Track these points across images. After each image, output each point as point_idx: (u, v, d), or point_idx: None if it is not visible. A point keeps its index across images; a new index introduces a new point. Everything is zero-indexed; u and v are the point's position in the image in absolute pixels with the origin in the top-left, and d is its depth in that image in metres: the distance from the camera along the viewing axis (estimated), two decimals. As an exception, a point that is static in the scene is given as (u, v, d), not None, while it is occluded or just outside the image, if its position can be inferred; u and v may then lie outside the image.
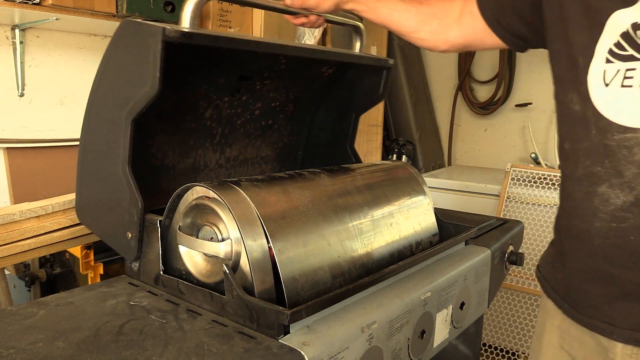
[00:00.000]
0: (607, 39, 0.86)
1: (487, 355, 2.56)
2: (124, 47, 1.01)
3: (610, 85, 0.86)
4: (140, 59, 0.96)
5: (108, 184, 1.07)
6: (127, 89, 1.00)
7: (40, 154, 2.14)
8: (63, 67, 2.21)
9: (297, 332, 0.83)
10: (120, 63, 1.03)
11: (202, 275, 0.98)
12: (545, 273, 1.10)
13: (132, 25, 0.98)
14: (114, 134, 1.03)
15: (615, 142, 0.85)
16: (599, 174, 0.88)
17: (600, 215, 0.88)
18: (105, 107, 1.08)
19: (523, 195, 2.47)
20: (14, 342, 0.79)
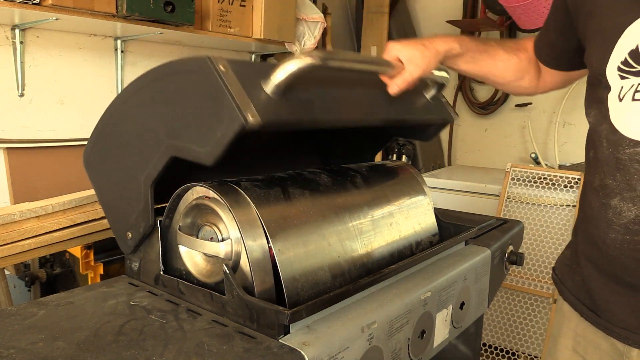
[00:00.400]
0: (617, 57, 0.87)
1: (487, 355, 2.56)
2: (189, 86, 0.91)
3: (623, 100, 0.86)
4: (206, 115, 0.87)
5: (125, 179, 1.05)
6: (176, 125, 0.92)
7: (40, 154, 2.14)
8: (63, 67, 2.21)
9: (297, 332, 0.83)
10: (172, 103, 0.94)
11: (202, 275, 0.98)
12: (561, 275, 1.10)
13: (202, 82, 0.86)
14: (149, 148, 0.97)
15: (627, 156, 0.86)
16: (611, 187, 0.89)
17: (614, 227, 0.89)
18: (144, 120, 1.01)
19: (523, 195, 2.47)
20: (14, 342, 0.79)
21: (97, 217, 1.54)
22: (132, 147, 1.01)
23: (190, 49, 2.70)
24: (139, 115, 0.99)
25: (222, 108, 0.83)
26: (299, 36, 2.79)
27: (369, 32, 3.40)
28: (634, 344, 0.91)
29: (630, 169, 0.86)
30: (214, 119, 0.84)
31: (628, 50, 0.85)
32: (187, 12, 2.12)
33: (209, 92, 0.84)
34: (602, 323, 0.96)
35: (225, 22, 2.41)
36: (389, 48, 1.05)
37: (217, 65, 0.84)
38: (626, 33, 0.85)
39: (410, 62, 1.03)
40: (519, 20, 2.77)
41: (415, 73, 1.03)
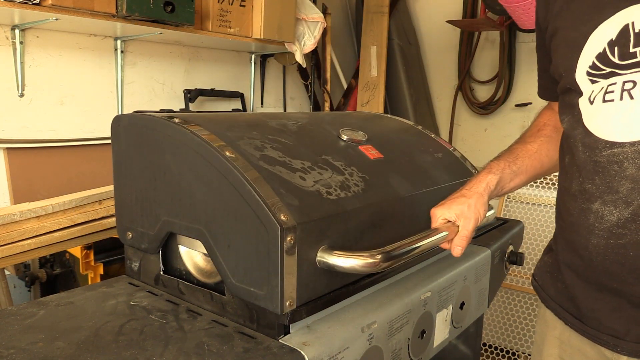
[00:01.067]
0: (584, 63, 0.88)
1: (487, 355, 2.56)
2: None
3: (594, 102, 0.87)
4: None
5: (148, 199, 0.99)
6: (219, 227, 0.87)
7: (40, 154, 2.14)
8: (63, 67, 2.21)
9: (297, 332, 0.83)
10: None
11: (202, 275, 0.98)
12: (542, 283, 1.08)
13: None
14: (183, 209, 0.93)
15: (605, 158, 0.85)
16: (590, 191, 0.88)
17: (596, 232, 0.87)
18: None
19: (523, 195, 2.47)
20: (14, 342, 0.79)
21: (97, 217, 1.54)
22: (169, 187, 0.95)
23: (190, 49, 2.70)
24: (191, 174, 0.91)
25: (269, 279, 0.80)
26: (298, 36, 2.79)
27: (369, 32, 3.40)
28: (623, 351, 0.89)
29: (609, 171, 0.84)
30: (256, 275, 0.82)
31: (595, 54, 0.86)
32: (187, 12, 2.12)
33: (265, 249, 0.80)
34: (588, 331, 0.94)
35: (225, 22, 2.41)
36: (434, 215, 1.02)
37: (285, 238, 0.78)
38: (591, 39, 0.87)
39: (460, 217, 1.00)
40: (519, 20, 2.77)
41: (469, 226, 1.00)
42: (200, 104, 2.78)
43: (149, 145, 0.97)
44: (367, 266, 0.84)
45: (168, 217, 0.95)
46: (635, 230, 0.82)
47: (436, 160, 1.31)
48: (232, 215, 0.84)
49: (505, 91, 3.27)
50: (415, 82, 3.54)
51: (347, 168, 1.01)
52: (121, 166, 1.05)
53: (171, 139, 0.93)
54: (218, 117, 1.06)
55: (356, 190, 0.97)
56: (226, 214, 0.85)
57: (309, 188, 0.89)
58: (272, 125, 1.06)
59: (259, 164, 0.87)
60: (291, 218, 0.79)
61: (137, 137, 1.00)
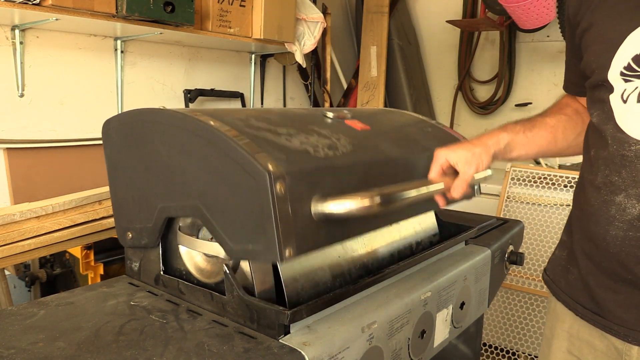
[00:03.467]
0: (619, 62, 0.89)
1: (487, 355, 2.56)
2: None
3: (627, 101, 0.88)
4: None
5: (143, 192, 1.00)
6: (211, 197, 0.87)
7: (40, 154, 2.14)
8: (63, 67, 2.21)
9: (297, 332, 0.83)
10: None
11: (203, 275, 0.98)
12: (553, 276, 1.10)
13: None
14: (178, 190, 0.93)
15: (633, 153, 0.87)
16: (616, 184, 0.90)
17: (616, 223, 0.90)
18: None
19: (523, 195, 2.47)
20: (14, 342, 0.79)
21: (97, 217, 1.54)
22: (162, 173, 0.95)
23: (190, 49, 2.70)
24: (180, 155, 0.92)
25: (264, 229, 0.80)
26: (298, 36, 2.79)
27: (369, 32, 3.40)
28: (633, 341, 0.91)
29: (636, 165, 0.87)
30: (252, 230, 0.81)
31: (632, 56, 0.87)
32: (187, 12, 2.12)
33: (257, 203, 0.80)
34: (599, 320, 0.96)
35: (225, 22, 2.41)
36: (437, 155, 1.03)
37: (275, 185, 0.78)
38: (628, 40, 0.88)
39: (463, 162, 1.01)
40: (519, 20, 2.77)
41: (470, 171, 1.01)
42: (200, 104, 2.78)
43: (138, 138, 0.99)
44: (364, 208, 0.83)
45: (163, 203, 0.96)
46: None
47: (426, 133, 1.31)
48: (221, 178, 0.85)
49: (505, 91, 3.27)
50: (415, 82, 3.54)
51: (334, 135, 1.01)
52: (115, 168, 1.05)
53: (159, 123, 0.94)
54: (204, 108, 1.07)
55: (344, 151, 0.97)
56: (216, 179, 0.85)
57: (296, 147, 0.90)
58: (257, 109, 1.07)
59: (243, 129, 0.88)
60: (279, 167, 0.80)
61: (126, 134, 1.01)
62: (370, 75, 3.38)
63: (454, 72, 3.57)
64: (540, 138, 1.12)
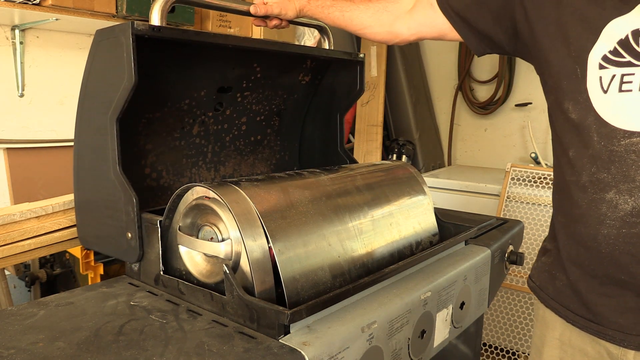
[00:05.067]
0: (602, 47, 0.87)
1: (487, 355, 2.56)
2: (101, 53, 1.06)
3: (608, 91, 0.86)
4: (117, 58, 1.00)
5: (102, 189, 1.09)
6: (108, 91, 1.03)
7: (40, 154, 2.14)
8: (63, 67, 2.21)
9: (297, 332, 0.83)
10: (100, 68, 1.08)
11: (202, 276, 0.98)
12: (540, 283, 1.08)
13: (105, 31, 1.03)
14: (102, 139, 1.05)
15: (623, 148, 0.85)
16: (605, 181, 0.88)
17: (608, 222, 0.88)
18: (91, 114, 1.11)
19: (523, 195, 2.47)
20: (14, 342, 0.79)
21: (97, 217, 1.54)
22: (94, 150, 1.08)
23: (190, 49, 2.70)
24: (90, 120, 1.11)
25: (118, 38, 1.00)
26: (298, 36, 2.79)
27: (369, 32, 3.40)
28: (629, 345, 0.89)
29: (627, 160, 0.85)
30: (119, 55, 1.00)
31: (617, 40, 0.85)
32: (187, 12, 2.12)
33: (110, 46, 1.03)
34: (592, 327, 0.94)
35: (225, 22, 2.41)
36: None
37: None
38: (613, 24, 0.86)
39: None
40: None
41: (274, 10, 1.25)
42: (200, 104, 2.78)
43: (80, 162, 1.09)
44: None
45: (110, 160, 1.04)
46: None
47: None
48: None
49: (505, 91, 3.27)
50: (415, 82, 3.54)
51: None
52: (91, 218, 1.17)
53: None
54: None
55: None
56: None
57: None
58: None
59: None
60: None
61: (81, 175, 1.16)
62: (370, 75, 3.38)
63: (454, 72, 3.57)
64: (349, 17, 1.27)
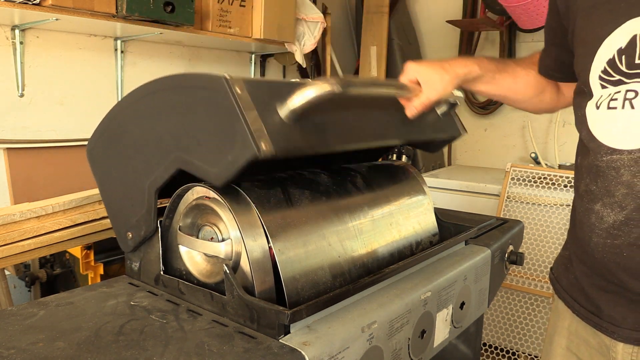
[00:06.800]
0: (596, 67, 0.90)
1: (487, 355, 2.56)
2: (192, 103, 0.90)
3: (600, 107, 0.90)
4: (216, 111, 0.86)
5: (130, 181, 1.03)
6: (186, 138, 0.90)
7: (40, 154, 2.14)
8: (63, 67, 2.21)
9: (297, 332, 0.83)
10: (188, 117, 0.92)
11: (203, 276, 0.98)
12: (557, 274, 1.13)
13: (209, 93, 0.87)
14: (156, 156, 0.96)
15: (605, 163, 0.89)
16: (594, 192, 0.92)
17: (596, 231, 0.92)
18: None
19: (523, 195, 2.47)
20: (14, 343, 0.79)
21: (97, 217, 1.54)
22: (139, 150, 1.00)
23: (190, 49, 2.70)
24: (148, 120, 0.97)
25: (235, 132, 0.81)
26: (298, 36, 2.79)
27: (369, 32, 3.40)
28: (618, 337, 0.94)
29: (607, 176, 0.89)
30: (227, 141, 0.82)
31: (606, 60, 0.88)
32: (187, 12, 2.12)
33: (223, 113, 0.82)
34: (593, 319, 0.99)
35: (225, 22, 2.41)
36: (408, 69, 1.04)
37: (233, 86, 0.81)
38: (604, 44, 0.89)
39: (428, 85, 1.02)
40: (519, 20, 2.77)
41: (432, 96, 1.03)
42: (200, 104, 2.78)
43: (113, 135, 1.05)
44: (326, 93, 0.84)
45: (149, 179, 0.98)
46: (627, 232, 0.87)
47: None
48: (189, 112, 0.88)
49: (505, 91, 3.27)
50: (415, 82, 3.53)
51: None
52: (104, 180, 1.09)
53: (129, 104, 1.01)
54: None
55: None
56: (185, 118, 0.89)
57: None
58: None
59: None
60: (235, 76, 0.84)
61: (104, 141, 1.06)
62: (370, 75, 3.38)
63: (454, 72, 3.56)
64: (505, 83, 1.15)
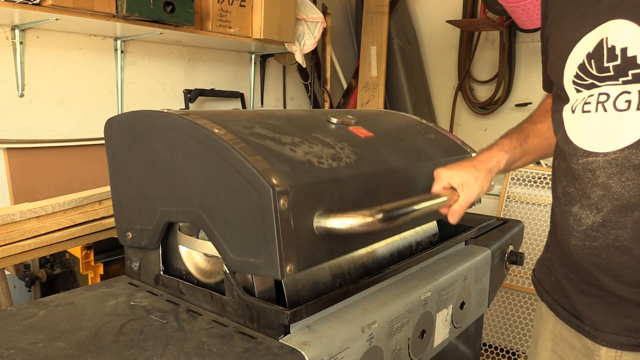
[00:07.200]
0: (569, 71, 0.91)
1: (487, 355, 2.56)
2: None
3: (575, 111, 0.91)
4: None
5: (145, 194, 0.99)
6: (213, 208, 0.87)
7: (40, 154, 2.14)
8: (63, 67, 2.21)
9: (297, 332, 0.83)
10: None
11: (202, 275, 0.98)
12: (539, 277, 1.12)
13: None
14: (179, 195, 0.93)
15: (580, 166, 0.89)
16: (572, 195, 0.92)
17: (574, 234, 0.92)
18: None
19: (523, 195, 2.47)
20: (14, 343, 0.79)
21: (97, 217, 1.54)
22: (163, 175, 0.95)
23: (190, 49, 2.70)
24: (182, 159, 0.91)
25: (266, 245, 0.79)
26: (298, 36, 2.79)
27: (369, 32, 3.40)
28: (601, 342, 0.93)
29: (583, 178, 0.89)
30: (254, 244, 0.81)
31: (577, 65, 0.89)
32: (187, 12, 2.12)
33: (260, 220, 0.79)
34: (575, 322, 0.98)
35: (225, 22, 2.41)
36: (440, 175, 1.03)
37: (279, 201, 0.77)
38: (575, 50, 0.90)
39: (465, 188, 1.02)
40: (519, 20, 2.76)
41: (470, 198, 1.02)
42: (200, 104, 2.78)
43: (140, 139, 0.98)
44: (366, 225, 0.82)
45: (164, 207, 0.95)
46: (605, 234, 0.87)
47: (429, 139, 1.31)
48: (224, 188, 0.84)
49: (505, 91, 3.27)
50: (415, 82, 3.54)
51: (338, 144, 1.01)
52: (116, 167, 1.05)
53: (161, 127, 0.93)
54: (207, 111, 1.06)
55: (348, 162, 0.97)
56: (219, 188, 0.85)
57: (300, 158, 0.89)
58: (261, 113, 1.07)
59: (248, 138, 0.87)
60: (283, 181, 0.79)
61: (128, 135, 1.01)
62: (370, 75, 3.38)
63: (454, 72, 3.56)
64: (536, 146, 1.14)
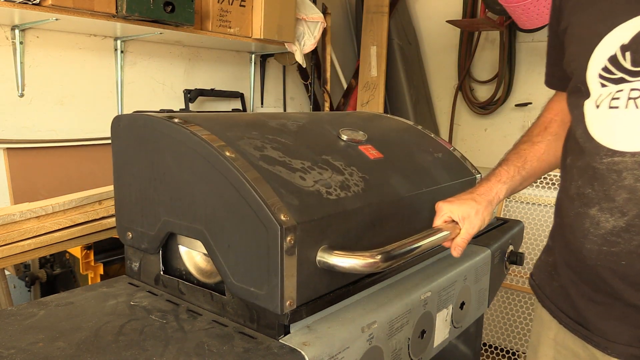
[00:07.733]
0: (596, 64, 0.86)
1: (487, 355, 2.56)
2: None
3: (600, 107, 0.85)
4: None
5: (150, 198, 0.98)
6: (218, 229, 0.87)
7: (40, 154, 2.14)
8: (63, 67, 2.21)
9: (297, 332, 0.83)
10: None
11: (202, 275, 0.98)
12: (539, 281, 1.08)
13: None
14: (185, 209, 0.92)
15: (605, 166, 0.84)
16: (589, 196, 0.87)
17: (590, 237, 0.87)
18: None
19: (523, 195, 2.47)
20: (14, 343, 0.79)
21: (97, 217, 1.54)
22: (170, 186, 0.94)
23: (190, 49, 2.70)
24: (190, 176, 0.90)
25: (269, 278, 0.80)
26: (298, 36, 2.79)
27: (369, 32, 3.40)
28: (612, 353, 0.88)
29: (607, 179, 0.83)
30: (256, 275, 0.81)
31: (607, 57, 0.84)
32: (187, 12, 2.12)
33: (265, 253, 0.80)
34: (581, 331, 0.94)
35: (225, 22, 2.41)
36: (440, 210, 1.02)
37: (285, 238, 0.78)
38: (604, 41, 0.85)
39: (466, 221, 1.01)
40: (519, 20, 2.76)
41: (472, 231, 1.01)
42: (200, 104, 2.78)
43: (149, 145, 0.97)
44: (367, 266, 0.83)
45: (168, 217, 0.95)
46: (628, 239, 0.82)
47: (436, 160, 1.30)
48: (232, 215, 0.84)
49: (505, 91, 3.27)
50: (415, 82, 3.54)
51: (347, 168, 1.01)
52: (121, 166, 1.05)
53: (171, 138, 0.93)
54: (218, 117, 1.06)
55: (356, 190, 0.97)
56: (226, 214, 0.85)
57: (309, 188, 0.89)
58: (272, 125, 1.06)
59: (258, 164, 0.87)
60: (291, 218, 0.79)
61: (137, 137, 1.00)
62: (370, 75, 3.38)
63: (454, 72, 3.56)
64: (535, 170, 1.11)
